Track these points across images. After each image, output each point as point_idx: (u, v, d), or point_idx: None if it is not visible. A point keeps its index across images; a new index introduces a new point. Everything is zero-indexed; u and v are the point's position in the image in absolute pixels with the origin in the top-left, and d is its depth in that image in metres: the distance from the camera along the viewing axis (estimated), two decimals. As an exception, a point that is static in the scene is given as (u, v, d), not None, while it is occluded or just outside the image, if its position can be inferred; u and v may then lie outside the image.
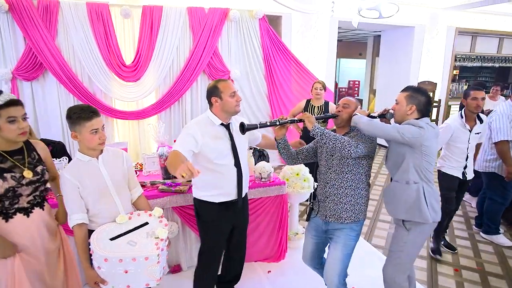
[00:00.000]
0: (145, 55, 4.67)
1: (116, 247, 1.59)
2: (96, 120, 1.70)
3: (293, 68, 5.62)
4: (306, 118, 2.03)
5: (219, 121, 2.07)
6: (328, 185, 2.08)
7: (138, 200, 2.01)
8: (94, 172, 1.79)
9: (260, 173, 2.81)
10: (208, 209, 2.16)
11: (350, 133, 2.09)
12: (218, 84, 2.06)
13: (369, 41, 9.45)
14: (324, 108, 4.12)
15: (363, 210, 2.09)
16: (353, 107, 2.10)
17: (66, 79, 4.39)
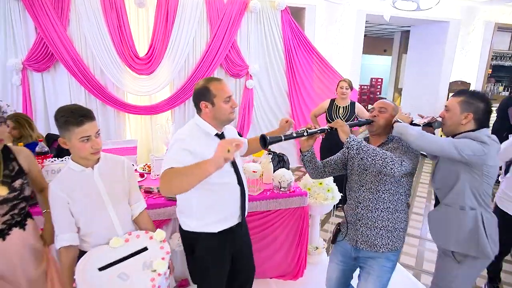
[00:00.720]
0: (160, 47, 4.42)
1: (104, 281, 1.32)
2: (89, 125, 1.42)
3: (316, 64, 5.26)
4: (339, 126, 1.69)
5: (214, 130, 1.69)
6: (361, 205, 1.77)
7: (139, 217, 1.72)
8: (88, 184, 1.52)
9: (279, 182, 2.51)
10: (206, 241, 1.74)
11: (388, 143, 1.78)
12: (210, 85, 1.64)
13: (396, 37, 8.95)
14: (350, 109, 3.77)
15: (402, 237, 1.76)
16: (391, 111, 1.80)
17: (77, 71, 4.20)
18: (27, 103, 4.20)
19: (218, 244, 1.76)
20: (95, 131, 1.46)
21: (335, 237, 1.97)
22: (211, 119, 1.69)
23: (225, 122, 1.73)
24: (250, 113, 5.07)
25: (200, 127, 1.69)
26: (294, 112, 5.28)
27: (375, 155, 1.57)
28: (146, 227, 1.71)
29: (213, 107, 1.65)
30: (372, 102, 12.75)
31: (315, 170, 1.93)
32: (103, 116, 4.52)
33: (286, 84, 5.21)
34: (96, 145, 1.45)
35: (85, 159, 1.50)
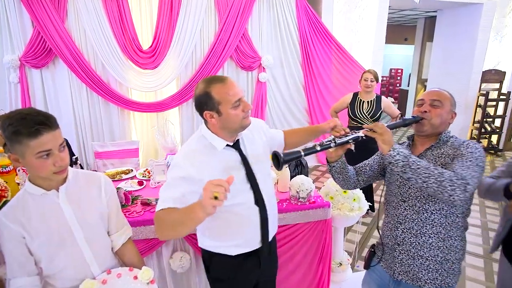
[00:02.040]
0: (164, 39, 4.08)
1: None
2: (48, 136, 1.06)
3: (334, 55, 4.82)
4: (379, 135, 1.26)
5: (222, 143, 1.36)
6: (401, 227, 1.39)
7: (122, 249, 1.36)
8: (51, 211, 1.17)
9: (297, 192, 2.14)
10: (221, 263, 1.49)
11: (440, 147, 1.37)
12: (211, 89, 1.28)
13: (419, 24, 8.35)
14: (375, 104, 3.35)
15: (456, 270, 1.37)
16: (448, 105, 1.38)
17: (77, 67, 3.92)
18: (26, 102, 3.95)
19: (234, 267, 1.49)
20: (58, 143, 1.10)
21: (369, 262, 1.59)
22: (219, 129, 1.34)
23: (238, 130, 1.37)
24: (264, 108, 4.69)
25: (207, 139, 1.36)
26: (311, 107, 4.88)
27: (428, 176, 1.17)
28: (131, 262, 1.36)
29: (220, 117, 1.30)
30: (392, 95, 12.15)
31: (347, 181, 1.54)
32: (106, 115, 4.24)
33: (302, 76, 4.80)
34: (60, 161, 1.10)
35: (47, 179, 1.15)
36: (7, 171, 2.11)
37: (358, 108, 3.36)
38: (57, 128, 1.11)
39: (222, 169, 1.33)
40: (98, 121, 4.23)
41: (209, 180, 1.06)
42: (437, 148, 1.38)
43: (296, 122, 4.91)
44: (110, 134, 4.27)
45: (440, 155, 1.35)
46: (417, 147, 1.45)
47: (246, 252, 1.47)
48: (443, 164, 1.32)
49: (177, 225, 1.15)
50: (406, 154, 1.23)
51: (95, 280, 1.20)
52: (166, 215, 1.19)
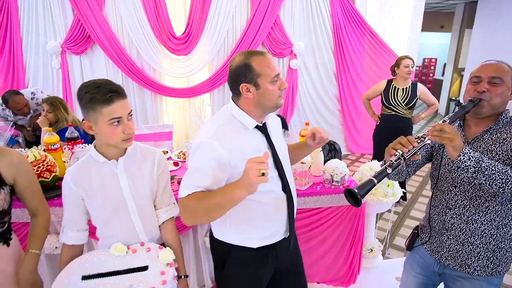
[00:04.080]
0: (197, 25, 4.14)
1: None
2: (119, 103, 1.14)
3: (367, 42, 4.71)
4: (447, 140, 1.13)
5: (253, 123, 1.27)
6: (451, 212, 1.32)
7: (163, 225, 1.37)
8: (109, 179, 1.25)
9: (331, 175, 2.14)
10: (238, 257, 1.37)
11: (502, 130, 1.26)
12: (252, 60, 1.21)
13: (458, 10, 7.95)
14: (411, 91, 3.25)
15: (510, 258, 1.30)
16: (509, 81, 1.24)
17: (114, 53, 4.06)
18: (66, 86, 4.16)
19: (255, 261, 1.39)
20: (127, 112, 1.18)
21: (411, 243, 1.54)
22: (252, 106, 1.26)
23: (271, 110, 1.30)
24: (294, 96, 4.68)
25: (236, 118, 1.28)
26: (341, 95, 4.81)
27: (506, 181, 1.10)
28: (167, 240, 1.38)
29: (258, 90, 1.23)
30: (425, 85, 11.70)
31: (400, 175, 1.47)
32: (140, 99, 4.38)
33: (334, 64, 4.74)
34: (128, 129, 1.17)
35: (115, 147, 1.23)
36: (54, 148, 2.24)
37: (392, 96, 3.28)
38: (126, 97, 1.18)
39: (252, 152, 1.19)
40: (132, 105, 4.37)
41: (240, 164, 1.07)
42: (497, 131, 1.26)
43: (326, 110, 4.87)
44: (143, 118, 4.41)
45: (502, 140, 1.23)
46: (471, 128, 1.33)
47: (269, 244, 1.38)
48: (506, 151, 1.22)
49: (213, 208, 1.12)
50: (478, 159, 1.13)
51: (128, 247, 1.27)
52: (197, 200, 1.14)
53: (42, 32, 3.98)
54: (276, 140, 1.36)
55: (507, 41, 5.50)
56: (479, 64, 1.30)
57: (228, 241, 1.37)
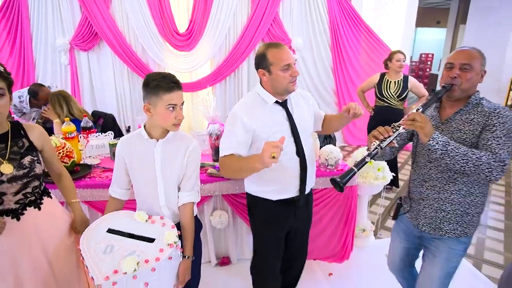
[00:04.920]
0: (200, 23, 4.31)
1: (95, 240, 1.33)
2: (177, 93, 1.38)
3: (364, 38, 4.90)
4: (419, 128, 1.32)
5: (272, 99, 1.61)
6: (426, 184, 1.53)
7: (181, 208, 1.53)
8: (147, 155, 1.48)
9: (326, 159, 2.34)
10: (263, 207, 1.75)
11: (471, 111, 1.41)
12: (268, 51, 1.54)
13: (453, 6, 8.14)
14: (403, 84, 3.45)
15: (476, 222, 1.50)
16: (478, 67, 1.39)
17: (120, 49, 4.23)
18: (75, 82, 4.33)
19: (274, 211, 1.74)
20: (181, 102, 1.42)
21: (397, 213, 1.74)
22: (269, 87, 1.61)
23: (284, 93, 1.61)
24: (292, 90, 4.87)
25: (260, 95, 1.63)
26: (339, 89, 5.01)
27: (466, 161, 1.28)
28: (182, 222, 1.53)
29: (270, 76, 1.56)
30: (421, 80, 11.88)
31: (384, 156, 1.67)
32: (146, 94, 4.55)
33: (331, 59, 4.93)
34: (179, 115, 1.41)
35: (162, 130, 1.47)
36: (71, 137, 2.45)
37: (385, 88, 3.48)
38: (182, 90, 1.43)
39: (271, 122, 1.58)
40: (138, 99, 4.55)
41: (261, 129, 1.44)
42: (467, 113, 1.42)
43: (323, 103, 5.06)
44: (149, 112, 4.59)
45: (470, 121, 1.40)
46: (446, 110, 1.50)
47: (284, 199, 1.70)
48: (472, 131, 1.38)
49: (240, 171, 1.53)
50: (445, 141, 1.31)
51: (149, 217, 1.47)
52: (231, 161, 1.52)
53: (51, 29, 4.14)
54: (298, 114, 1.67)
55: (498, 35, 5.69)
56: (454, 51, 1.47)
57: (254, 193, 1.76)
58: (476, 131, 1.38)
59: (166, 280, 1.35)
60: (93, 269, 1.21)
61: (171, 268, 1.38)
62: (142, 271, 1.22)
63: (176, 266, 1.40)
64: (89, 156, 2.56)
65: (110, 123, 3.19)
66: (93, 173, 2.29)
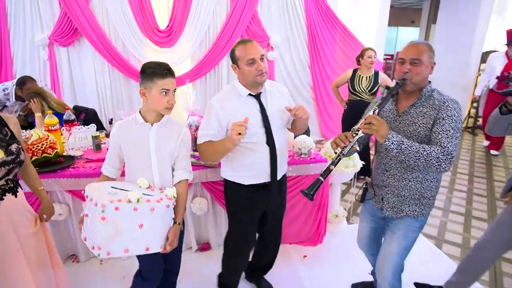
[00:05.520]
0: (180, 20, 4.40)
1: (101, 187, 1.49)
2: (170, 80, 1.53)
3: (339, 35, 5.09)
4: (374, 131, 1.44)
5: (246, 91, 1.75)
6: (387, 173, 1.67)
7: (176, 186, 1.67)
8: (142, 138, 1.61)
9: (299, 148, 2.50)
10: (236, 191, 1.88)
11: (424, 104, 1.54)
12: (236, 47, 1.70)
13: (425, 6, 8.49)
14: (374, 79, 3.66)
15: (431, 203, 1.68)
16: (427, 59, 1.49)
17: (100, 45, 4.27)
18: (54, 77, 4.34)
19: (247, 195, 1.87)
20: (173, 88, 1.56)
21: (363, 196, 1.91)
22: (242, 81, 1.75)
23: (254, 85, 1.73)
24: (271, 85, 5.02)
25: (236, 88, 1.77)
26: (315, 84, 5.19)
27: (418, 157, 1.42)
28: (178, 194, 1.64)
29: (239, 70, 1.71)
30: (398, 78, 12.25)
31: (351, 153, 1.74)
32: (126, 89, 4.61)
33: (308, 55, 5.10)
34: (171, 100, 1.55)
35: (156, 114, 1.60)
36: (54, 129, 2.52)
37: (357, 83, 3.68)
38: (174, 77, 1.58)
39: (244, 113, 1.68)
40: (119, 94, 4.60)
41: (233, 120, 1.56)
42: (420, 105, 1.54)
43: (301, 98, 5.24)
44: (130, 106, 4.64)
45: (423, 114, 1.52)
46: (402, 102, 1.62)
47: (256, 184, 1.84)
48: (425, 124, 1.51)
49: (216, 152, 1.72)
50: (399, 141, 1.43)
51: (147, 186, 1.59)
52: (207, 146, 1.72)
53: (29, 24, 4.13)
54: (272, 106, 1.79)
55: (465, 34, 6.00)
56: (405, 45, 1.57)
57: (228, 178, 1.90)
58: (428, 124, 1.51)
59: (157, 233, 1.48)
60: (97, 197, 1.35)
61: (163, 222, 1.51)
62: (142, 207, 1.37)
63: (167, 226, 1.53)
64: (72, 148, 2.63)
65: (91, 117, 3.25)
66: (76, 163, 2.37)
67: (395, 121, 1.63)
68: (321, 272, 2.50)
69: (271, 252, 2.24)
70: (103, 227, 1.33)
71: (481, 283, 2.38)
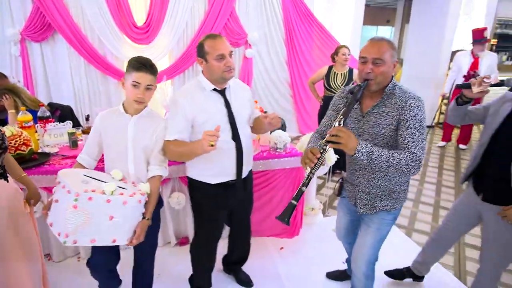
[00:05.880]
0: (158, 17, 4.38)
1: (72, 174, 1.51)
2: (142, 74, 1.56)
3: (316, 33, 5.20)
4: (343, 144, 1.39)
5: (210, 86, 1.73)
6: (357, 173, 1.71)
7: (151, 180, 1.68)
8: (121, 129, 1.66)
9: (275, 143, 2.57)
10: (203, 190, 1.85)
11: (386, 103, 1.52)
12: (205, 41, 1.67)
13: (399, 6, 8.75)
14: (348, 75, 3.78)
15: (403, 197, 1.74)
16: (389, 59, 1.46)
17: (75, 41, 4.19)
18: (27, 73, 4.23)
19: (213, 194, 1.84)
20: (146, 83, 1.58)
21: (340, 190, 1.95)
22: (208, 75, 1.73)
23: (220, 81, 1.71)
24: (250, 82, 5.07)
25: (201, 82, 1.74)
26: (293, 81, 5.29)
27: (388, 166, 1.43)
28: (150, 190, 1.66)
29: (207, 64, 1.69)
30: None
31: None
32: (104, 86, 4.55)
33: (285, 52, 5.18)
34: (140, 94, 1.58)
35: (130, 104, 1.65)
36: (28, 126, 2.48)
37: (332, 79, 3.79)
38: (152, 75, 1.60)
39: (209, 108, 1.70)
40: (96, 91, 4.53)
41: (200, 115, 1.60)
42: (383, 105, 1.53)
43: (279, 95, 5.33)
44: (108, 103, 4.58)
45: (386, 114, 1.52)
46: (365, 102, 1.61)
47: (222, 182, 1.82)
48: (388, 125, 1.51)
49: (182, 155, 1.70)
50: (369, 152, 1.41)
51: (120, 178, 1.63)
52: (176, 146, 1.66)
53: None
54: (236, 103, 1.80)
55: (435, 34, 6.24)
56: (366, 42, 1.54)
57: (194, 177, 1.86)
58: (391, 125, 1.52)
59: (125, 226, 1.50)
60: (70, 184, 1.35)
61: (133, 216, 1.53)
62: (115, 199, 1.39)
63: (137, 220, 1.56)
64: (47, 145, 2.60)
65: (67, 114, 3.20)
66: (52, 160, 2.35)
67: (359, 122, 1.63)
68: (297, 263, 2.58)
69: (243, 246, 2.27)
70: (73, 215, 1.34)
71: (446, 267, 2.54)
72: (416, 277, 2.37)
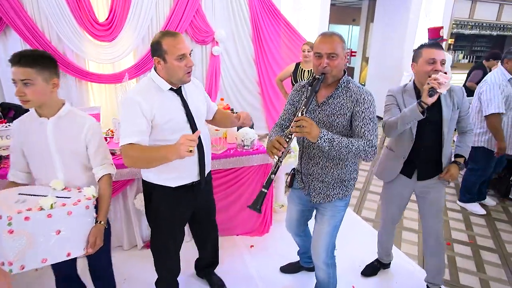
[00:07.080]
0: (121, 13, 4.22)
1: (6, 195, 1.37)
2: (14, 69, 1.39)
3: (283, 30, 5.22)
4: (307, 132, 1.48)
5: (167, 86, 1.61)
6: (312, 162, 1.79)
7: (100, 181, 1.60)
8: (40, 134, 1.49)
9: (242, 140, 2.56)
10: (163, 195, 1.74)
11: (341, 95, 1.63)
12: (163, 39, 1.53)
13: (364, 6, 8.99)
14: (315, 72, 3.82)
15: (353, 185, 1.85)
16: (341, 51, 1.57)
17: (31, 37, 3.96)
18: (-23, 72, 3.96)
19: (173, 198, 1.76)
20: (20, 78, 1.38)
21: (291, 182, 1.97)
22: (164, 75, 1.60)
23: (178, 83, 1.62)
24: (218, 80, 5.02)
25: (155, 82, 1.61)
26: (261, 78, 5.28)
27: (348, 152, 1.55)
28: (100, 192, 1.58)
29: (165, 64, 1.56)
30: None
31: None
32: (65, 84, 4.31)
33: (253, 50, 5.16)
34: (17, 92, 1.39)
35: (47, 108, 1.49)
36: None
37: (300, 76, 3.82)
38: (25, 67, 1.39)
39: (167, 109, 1.60)
40: (56, 91, 4.30)
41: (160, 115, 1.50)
42: (338, 96, 1.64)
43: (248, 93, 5.31)
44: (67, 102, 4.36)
45: (341, 105, 1.63)
46: (321, 92, 1.68)
47: (184, 185, 1.73)
48: (343, 115, 1.62)
49: (151, 161, 1.51)
50: (330, 138, 1.52)
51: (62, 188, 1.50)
52: (136, 151, 1.49)
53: None
54: (193, 101, 1.71)
55: (398, 32, 6.47)
56: (318, 37, 1.63)
57: (152, 181, 1.72)
58: (346, 115, 1.63)
59: (77, 236, 1.40)
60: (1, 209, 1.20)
61: (84, 224, 1.43)
62: (58, 212, 1.27)
63: (89, 227, 1.46)
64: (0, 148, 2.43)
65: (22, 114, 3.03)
66: (4, 164, 2.21)
67: (315, 111, 1.70)
68: (268, 260, 2.58)
69: (210, 246, 2.20)
70: (11, 241, 1.21)
71: (410, 257, 2.63)
72: (384, 266, 2.50)
